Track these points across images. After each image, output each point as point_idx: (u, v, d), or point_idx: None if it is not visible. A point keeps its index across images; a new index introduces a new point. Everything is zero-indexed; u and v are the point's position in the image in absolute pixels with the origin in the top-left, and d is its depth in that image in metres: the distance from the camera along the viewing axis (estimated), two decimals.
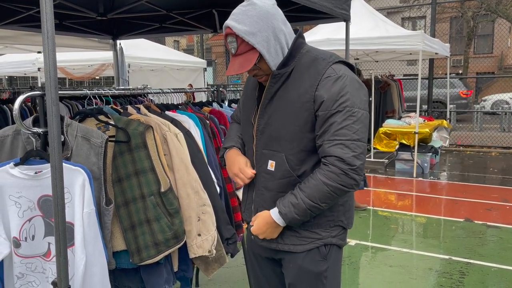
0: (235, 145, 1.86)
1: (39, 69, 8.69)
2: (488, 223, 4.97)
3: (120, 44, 5.20)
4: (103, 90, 2.31)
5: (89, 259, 1.70)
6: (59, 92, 1.86)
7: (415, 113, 7.66)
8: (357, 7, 7.74)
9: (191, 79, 9.95)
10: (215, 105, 3.08)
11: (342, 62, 1.67)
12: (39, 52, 6.91)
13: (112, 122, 2.01)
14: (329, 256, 1.74)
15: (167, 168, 2.09)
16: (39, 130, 1.76)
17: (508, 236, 4.56)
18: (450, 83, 13.49)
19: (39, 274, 1.80)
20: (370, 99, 8.07)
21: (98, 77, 14.19)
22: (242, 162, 1.78)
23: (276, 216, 1.66)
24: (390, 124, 7.86)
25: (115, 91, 2.43)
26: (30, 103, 3.27)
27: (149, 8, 3.82)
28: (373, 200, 5.97)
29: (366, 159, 5.13)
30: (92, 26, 4.40)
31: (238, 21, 1.57)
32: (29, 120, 1.78)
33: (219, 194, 2.39)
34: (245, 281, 3.54)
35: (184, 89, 2.94)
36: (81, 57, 8.23)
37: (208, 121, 2.65)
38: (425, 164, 7.54)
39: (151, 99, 3.15)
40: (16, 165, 1.71)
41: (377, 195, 6.17)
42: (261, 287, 1.95)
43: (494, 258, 4.01)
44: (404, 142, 7.41)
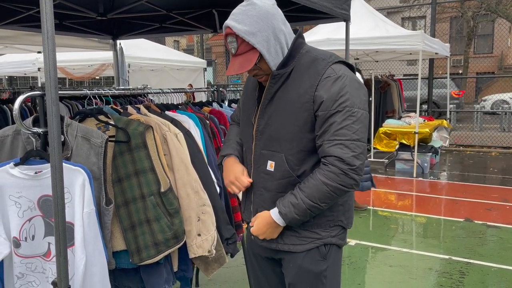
0: (233, 153, 1.87)
1: (39, 69, 8.69)
2: (488, 223, 4.97)
3: (120, 44, 5.19)
4: (103, 90, 2.32)
5: (89, 259, 1.70)
6: (59, 92, 1.87)
7: (415, 113, 7.66)
8: (357, 7, 7.74)
9: (191, 79, 9.95)
10: (215, 105, 3.08)
11: (342, 62, 1.67)
12: (39, 52, 6.91)
13: (112, 122, 2.02)
14: (329, 256, 1.74)
15: (167, 168, 2.09)
16: (39, 130, 1.76)
17: (508, 236, 4.57)
18: (443, 84, 13.56)
19: (39, 274, 1.80)
20: (370, 99, 8.08)
21: (98, 77, 14.20)
22: (239, 171, 1.79)
23: (276, 216, 1.66)
24: (390, 124, 7.86)
25: (115, 91, 2.43)
26: (30, 103, 3.27)
27: (149, 8, 3.82)
28: (373, 200, 5.97)
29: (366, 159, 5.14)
30: (92, 26, 4.40)
31: (238, 21, 1.57)
32: (29, 120, 1.78)
33: (219, 194, 2.39)
34: (245, 281, 3.54)
35: (184, 89, 2.94)
36: (81, 57, 8.23)
37: (208, 121, 2.65)
38: (425, 164, 7.54)
39: (151, 99, 3.15)
40: (16, 165, 1.71)
41: (377, 195, 6.17)
42: (261, 287, 1.95)
43: (494, 258, 4.01)
44: (404, 142, 7.41)
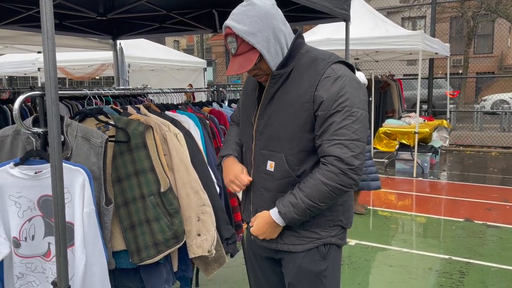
0: (232, 153, 1.87)
1: (39, 69, 8.70)
2: (488, 223, 4.97)
3: (120, 44, 5.19)
4: (103, 90, 2.32)
5: (89, 259, 1.70)
6: (59, 92, 1.87)
7: (415, 113, 7.66)
8: (357, 7, 7.75)
9: (191, 79, 9.95)
10: (215, 105, 3.08)
11: (342, 62, 1.67)
12: (39, 52, 6.91)
13: (112, 122, 2.02)
14: (329, 256, 1.74)
15: (167, 168, 2.09)
16: (39, 130, 1.76)
17: (508, 236, 4.57)
18: (437, 84, 13.60)
19: (39, 274, 1.80)
20: (370, 99, 8.07)
21: (98, 77, 14.20)
22: (238, 170, 1.80)
23: (276, 216, 1.66)
24: (390, 124, 7.86)
25: (115, 91, 2.43)
26: (30, 103, 3.27)
27: (149, 8, 3.82)
28: (373, 200, 5.97)
29: None
30: (92, 26, 4.40)
31: (238, 21, 1.57)
32: (29, 120, 1.78)
33: (219, 194, 2.39)
34: (245, 281, 3.54)
35: (184, 89, 2.94)
36: (81, 57, 8.24)
37: (208, 121, 2.65)
38: (425, 164, 7.54)
39: (151, 99, 3.15)
40: (16, 165, 1.71)
41: (377, 195, 6.17)
42: (261, 287, 1.95)
43: (494, 258, 4.01)
44: (404, 142, 7.41)
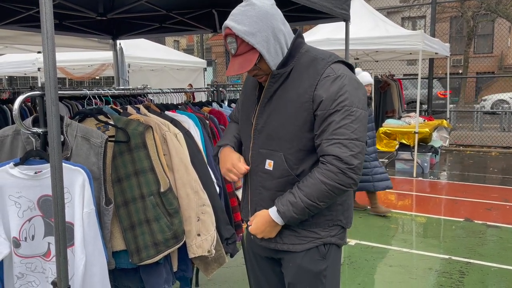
0: (229, 144, 1.87)
1: (39, 69, 8.70)
2: (488, 223, 4.97)
3: (120, 44, 5.19)
4: (103, 90, 2.32)
5: (89, 259, 1.70)
6: (59, 92, 1.87)
7: (415, 113, 7.66)
8: (357, 7, 7.74)
9: (191, 79, 9.95)
10: (215, 105, 3.08)
11: (341, 62, 1.67)
12: (39, 52, 6.91)
13: (112, 122, 2.02)
14: (328, 256, 1.74)
15: (167, 168, 2.09)
16: (39, 130, 1.76)
17: (508, 236, 4.57)
18: (427, 84, 13.66)
19: (39, 274, 1.80)
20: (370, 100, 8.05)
21: (98, 77, 14.20)
22: (235, 158, 1.79)
23: (275, 215, 1.66)
24: (390, 124, 7.86)
25: (115, 91, 2.43)
26: (30, 103, 3.27)
27: (149, 8, 3.82)
28: None
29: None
30: (92, 26, 4.40)
31: (238, 22, 1.57)
32: (29, 120, 1.78)
33: (219, 194, 2.39)
34: (245, 281, 3.54)
35: (184, 89, 2.94)
36: (81, 57, 8.24)
37: (208, 121, 2.65)
38: (425, 164, 7.54)
39: (151, 99, 3.15)
40: (16, 165, 1.71)
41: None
42: (261, 287, 1.95)
43: (494, 258, 4.01)
44: (404, 142, 7.41)
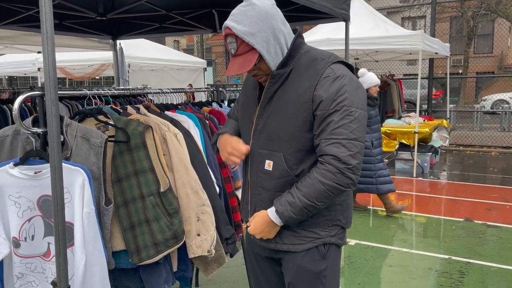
0: (228, 131, 1.86)
1: (39, 69, 8.70)
2: (488, 223, 4.97)
3: (120, 44, 5.19)
4: (103, 90, 2.32)
5: (89, 259, 1.70)
6: (59, 92, 1.87)
7: (415, 113, 7.66)
8: (357, 7, 7.74)
9: (191, 79, 9.95)
10: (215, 105, 3.08)
11: (341, 62, 1.67)
12: (39, 52, 6.91)
13: (112, 122, 2.02)
14: (328, 255, 1.74)
15: (167, 168, 2.09)
16: (39, 130, 1.76)
17: (508, 236, 4.57)
18: (422, 85, 13.70)
19: (39, 274, 1.80)
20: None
21: (98, 77, 14.20)
22: (234, 141, 1.76)
23: (273, 215, 1.66)
24: (390, 124, 7.86)
25: (115, 91, 2.43)
26: (30, 103, 3.27)
27: (149, 8, 3.82)
28: (373, 200, 5.96)
29: None
30: (92, 26, 4.40)
31: (238, 22, 1.57)
32: (29, 120, 1.78)
33: (219, 194, 2.39)
34: (245, 281, 3.54)
35: (184, 89, 2.94)
36: (81, 57, 8.24)
37: (208, 121, 2.65)
38: (425, 164, 7.54)
39: (151, 99, 3.15)
40: (16, 165, 1.71)
41: (377, 195, 6.16)
42: (261, 287, 1.95)
43: (494, 258, 4.01)
44: (404, 142, 7.41)
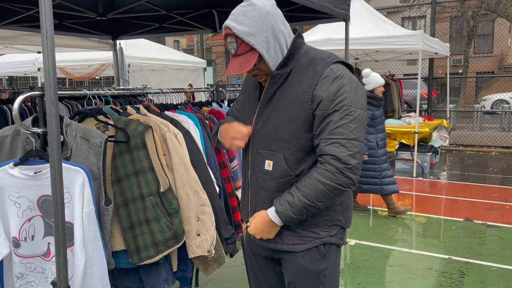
0: (228, 122, 1.85)
1: (39, 69, 8.71)
2: (488, 223, 4.97)
3: (120, 44, 5.20)
4: (103, 90, 2.32)
5: (89, 259, 1.71)
6: (59, 92, 1.87)
7: (415, 113, 7.66)
8: (357, 7, 7.75)
9: (191, 79, 9.95)
10: (215, 105, 3.08)
11: (341, 62, 1.67)
12: (39, 52, 6.92)
13: (112, 122, 2.02)
14: (328, 255, 1.74)
15: (166, 168, 2.10)
16: (39, 130, 1.76)
17: (508, 236, 4.57)
18: (414, 85, 13.82)
19: (39, 274, 1.80)
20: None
21: (98, 77, 14.21)
22: (235, 125, 1.75)
23: (273, 215, 1.66)
24: (390, 124, 7.86)
25: (115, 91, 2.43)
26: (30, 103, 3.27)
27: (149, 8, 3.83)
28: (373, 200, 5.97)
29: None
30: (92, 26, 4.40)
31: (238, 22, 1.57)
32: (29, 120, 1.78)
33: (219, 194, 2.39)
34: (245, 281, 3.54)
35: (183, 89, 2.94)
36: (81, 57, 8.24)
37: (208, 121, 2.65)
38: (425, 164, 7.54)
39: (151, 99, 3.16)
40: (16, 165, 1.71)
41: (377, 195, 6.17)
42: (261, 287, 1.95)
43: (494, 258, 4.01)
44: (404, 142, 7.42)
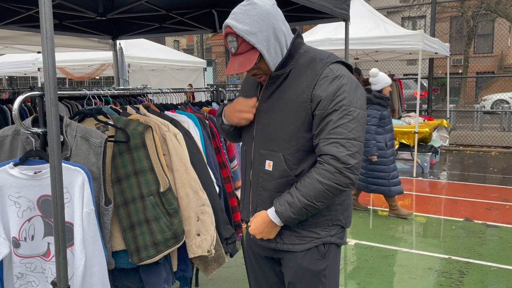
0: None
1: (39, 69, 8.70)
2: (488, 223, 4.97)
3: (120, 44, 5.20)
4: (103, 90, 2.32)
5: (89, 259, 1.71)
6: (59, 92, 1.87)
7: (415, 113, 7.66)
8: (357, 7, 7.75)
9: (191, 79, 9.95)
10: (215, 105, 3.08)
11: (340, 62, 1.67)
12: (39, 52, 6.92)
13: (111, 122, 2.02)
14: (328, 255, 1.74)
15: (166, 168, 2.10)
16: (38, 130, 1.76)
17: (508, 236, 4.57)
18: (406, 85, 13.91)
19: (39, 274, 1.80)
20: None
21: (98, 77, 14.21)
22: (240, 99, 1.76)
23: (273, 215, 1.66)
24: None
25: (115, 91, 2.43)
26: (30, 103, 3.27)
27: (149, 8, 3.83)
28: (373, 200, 5.97)
29: None
30: (92, 26, 4.40)
31: (239, 21, 1.57)
32: (29, 120, 1.78)
33: (219, 194, 2.39)
34: (245, 281, 3.54)
35: (183, 89, 2.94)
36: (81, 57, 8.24)
37: (208, 121, 2.65)
38: (425, 164, 7.54)
39: (151, 99, 3.16)
40: (16, 165, 1.71)
41: (377, 195, 6.17)
42: (261, 287, 1.95)
43: (494, 258, 4.01)
44: (404, 142, 7.41)
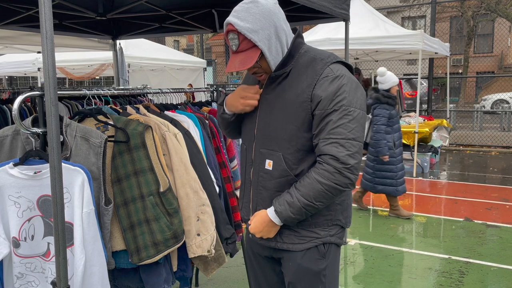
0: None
1: (39, 69, 8.71)
2: (488, 223, 4.97)
3: (120, 44, 5.20)
4: (103, 90, 2.32)
5: (89, 259, 1.71)
6: (59, 92, 1.87)
7: (415, 113, 7.66)
8: (357, 7, 7.75)
9: (191, 79, 9.95)
10: (215, 105, 3.08)
11: (340, 62, 1.67)
12: (39, 52, 6.92)
13: (111, 122, 2.02)
14: (328, 255, 1.74)
15: (166, 168, 2.10)
16: (38, 130, 1.76)
17: (508, 236, 4.57)
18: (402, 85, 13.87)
19: (39, 274, 1.80)
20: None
21: (98, 77, 14.21)
22: (242, 87, 1.76)
23: (272, 215, 1.67)
24: None
25: (114, 91, 2.43)
26: (30, 103, 3.27)
27: (149, 8, 3.83)
28: (373, 200, 5.97)
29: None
30: (92, 26, 4.40)
31: (241, 18, 1.57)
32: (28, 120, 1.78)
33: (218, 194, 2.39)
34: (245, 281, 3.55)
35: (183, 89, 2.94)
36: (81, 57, 8.24)
37: (208, 121, 2.65)
38: (425, 164, 7.54)
39: (151, 99, 3.16)
40: (16, 165, 1.71)
41: (377, 195, 6.17)
42: (261, 286, 1.95)
43: (494, 258, 4.01)
44: (404, 142, 7.41)
